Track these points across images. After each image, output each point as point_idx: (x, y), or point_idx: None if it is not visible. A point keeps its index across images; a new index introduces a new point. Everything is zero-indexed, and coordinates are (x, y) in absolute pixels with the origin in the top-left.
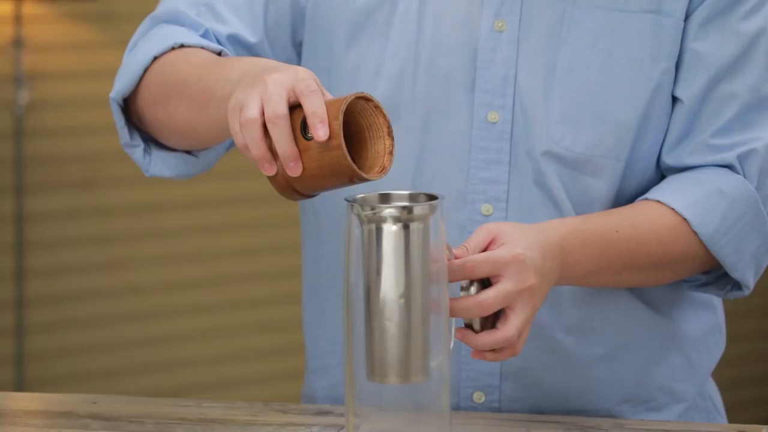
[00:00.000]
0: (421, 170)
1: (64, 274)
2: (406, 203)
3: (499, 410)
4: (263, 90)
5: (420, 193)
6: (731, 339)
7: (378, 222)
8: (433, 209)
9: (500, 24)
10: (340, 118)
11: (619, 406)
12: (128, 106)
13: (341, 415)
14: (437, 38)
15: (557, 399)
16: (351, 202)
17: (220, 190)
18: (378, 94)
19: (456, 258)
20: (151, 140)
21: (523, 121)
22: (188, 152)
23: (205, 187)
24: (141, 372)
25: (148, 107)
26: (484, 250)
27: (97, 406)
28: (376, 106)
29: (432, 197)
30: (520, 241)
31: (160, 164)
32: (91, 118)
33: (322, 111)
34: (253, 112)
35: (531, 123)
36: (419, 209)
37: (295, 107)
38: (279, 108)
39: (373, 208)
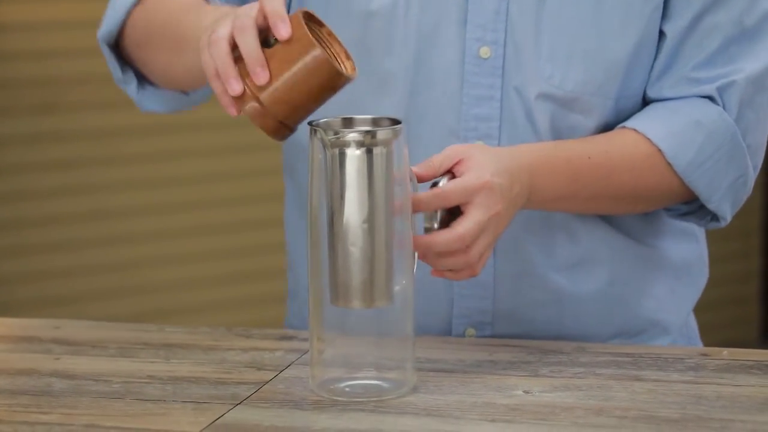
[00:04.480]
0: (413, 105)
1: (26, 199)
2: (369, 128)
3: None
4: (234, 16)
5: (383, 118)
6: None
7: (341, 146)
8: (396, 134)
9: None
10: (301, 18)
11: (612, 341)
12: (120, 42)
13: (305, 339)
14: None
15: (549, 336)
16: (314, 126)
17: (185, 115)
18: (371, 27)
19: (419, 177)
20: (144, 77)
21: (515, 57)
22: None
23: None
24: (104, 297)
25: (133, 49)
26: (449, 170)
27: (59, 331)
28: (330, 33)
29: (395, 121)
30: (488, 167)
31: (153, 100)
32: (51, 41)
33: (282, 9)
34: (223, 32)
35: (522, 59)
36: (382, 134)
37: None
38: (246, 21)
39: (336, 133)
